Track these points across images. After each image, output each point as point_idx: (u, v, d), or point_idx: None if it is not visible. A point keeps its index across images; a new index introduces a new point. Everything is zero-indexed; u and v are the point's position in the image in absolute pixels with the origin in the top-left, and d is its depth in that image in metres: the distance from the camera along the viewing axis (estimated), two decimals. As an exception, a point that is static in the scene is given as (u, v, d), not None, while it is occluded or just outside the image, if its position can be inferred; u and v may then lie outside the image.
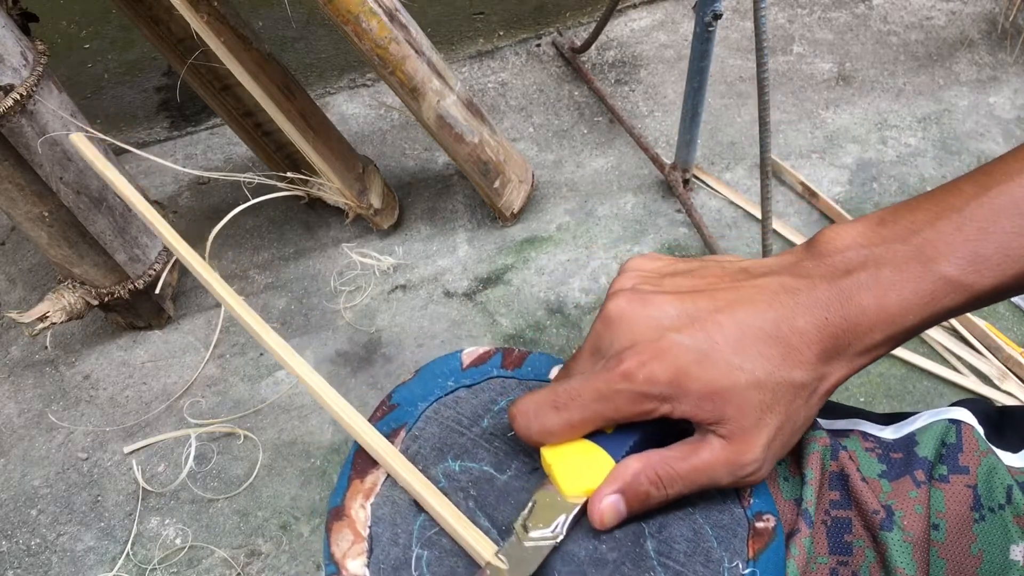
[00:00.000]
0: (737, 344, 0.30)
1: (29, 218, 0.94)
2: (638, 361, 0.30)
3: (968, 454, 0.36)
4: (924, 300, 0.29)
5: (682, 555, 0.31)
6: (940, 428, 0.37)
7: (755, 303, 0.31)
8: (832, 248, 0.31)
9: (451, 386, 0.37)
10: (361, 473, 0.34)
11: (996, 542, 0.33)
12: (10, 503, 1.00)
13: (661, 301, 0.31)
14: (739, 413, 0.30)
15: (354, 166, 1.17)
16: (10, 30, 0.85)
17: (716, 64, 1.39)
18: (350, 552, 0.32)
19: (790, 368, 0.30)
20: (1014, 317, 1.10)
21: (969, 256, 0.29)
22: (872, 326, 0.30)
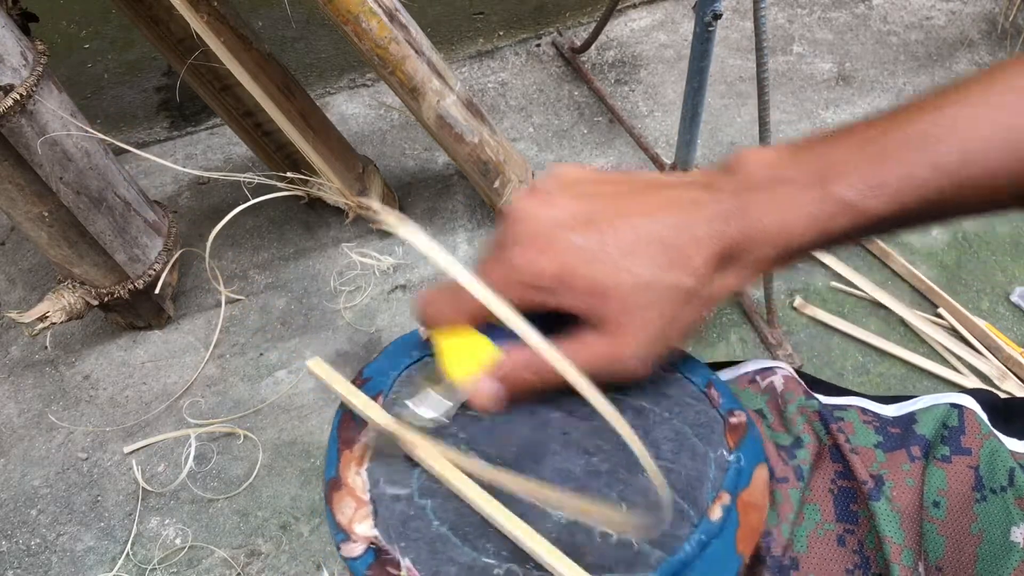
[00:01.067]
0: (628, 247, 0.31)
1: (29, 218, 0.94)
2: (527, 255, 0.31)
3: (970, 436, 0.36)
4: (817, 219, 0.30)
5: (670, 453, 0.33)
6: (941, 411, 0.38)
7: (656, 211, 0.32)
8: (744, 166, 0.32)
9: (416, 355, 0.39)
10: (348, 443, 0.35)
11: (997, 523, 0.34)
12: (10, 503, 1.00)
13: (562, 202, 0.32)
14: (621, 311, 0.31)
15: (354, 166, 1.17)
16: (10, 30, 0.85)
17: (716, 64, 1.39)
18: (355, 517, 0.32)
19: (678, 273, 0.31)
20: (1014, 317, 1.10)
21: (867, 180, 0.29)
22: (766, 240, 0.30)
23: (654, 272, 0.30)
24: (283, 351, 1.12)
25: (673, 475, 0.33)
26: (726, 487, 0.32)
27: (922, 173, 0.29)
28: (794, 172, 0.31)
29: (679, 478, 0.33)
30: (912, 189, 0.29)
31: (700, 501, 0.32)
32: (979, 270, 1.16)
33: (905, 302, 1.11)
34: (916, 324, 1.08)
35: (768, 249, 0.31)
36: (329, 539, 0.94)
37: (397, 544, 0.31)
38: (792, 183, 0.30)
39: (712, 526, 0.31)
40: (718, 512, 0.31)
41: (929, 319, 1.10)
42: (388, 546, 0.31)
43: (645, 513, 0.31)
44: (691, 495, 0.32)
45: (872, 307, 1.12)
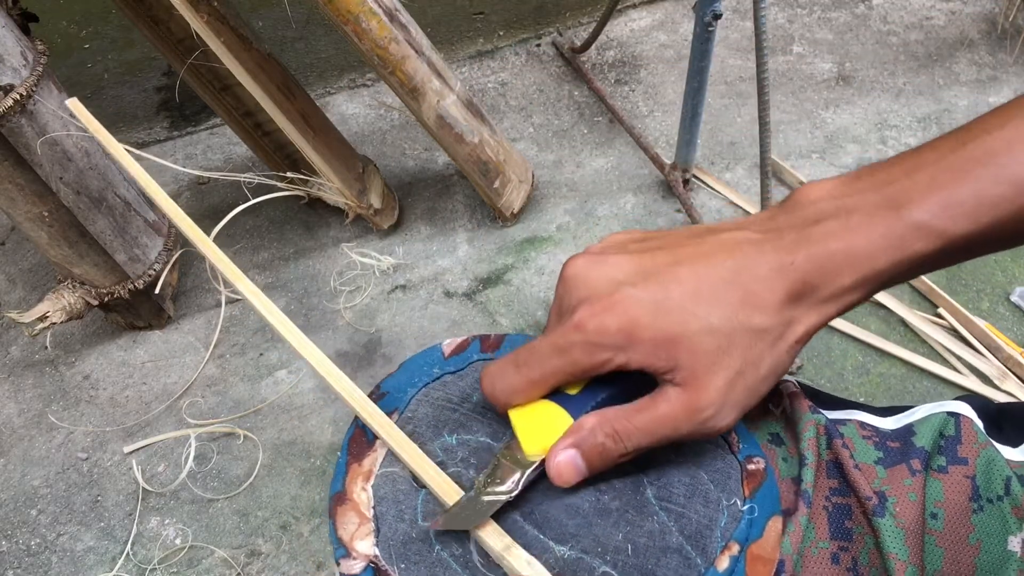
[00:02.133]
0: (692, 294, 0.30)
1: (29, 218, 0.94)
2: (590, 312, 0.30)
3: (967, 446, 0.36)
4: (894, 243, 0.29)
5: (682, 498, 0.33)
6: (939, 420, 0.37)
7: (715, 255, 0.31)
8: (804, 201, 0.31)
9: (436, 373, 0.38)
10: (358, 457, 0.35)
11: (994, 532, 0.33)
12: (10, 503, 1.00)
13: (617, 260, 0.32)
14: (692, 359, 0.29)
15: (354, 166, 1.17)
16: (10, 30, 0.85)
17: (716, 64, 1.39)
18: (357, 533, 0.32)
19: (749, 312, 0.29)
20: (1014, 317, 1.10)
21: (941, 202, 0.28)
22: (840, 268, 0.29)
23: (723, 314, 0.29)
24: (283, 351, 1.12)
25: (683, 520, 0.32)
26: (736, 537, 0.31)
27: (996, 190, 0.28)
28: (859, 200, 0.30)
29: (689, 524, 0.32)
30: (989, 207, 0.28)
31: (708, 550, 0.31)
32: (979, 270, 1.16)
33: (905, 302, 1.11)
34: (916, 324, 1.08)
35: (845, 278, 0.29)
36: (330, 540, 0.94)
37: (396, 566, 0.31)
38: (859, 211, 0.29)
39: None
40: (725, 562, 0.31)
41: (929, 319, 1.10)
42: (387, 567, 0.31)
43: None
44: (699, 543, 0.31)
45: (872, 307, 1.12)
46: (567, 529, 0.31)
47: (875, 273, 0.29)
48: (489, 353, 0.40)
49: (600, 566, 0.30)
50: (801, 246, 0.29)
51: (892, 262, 0.29)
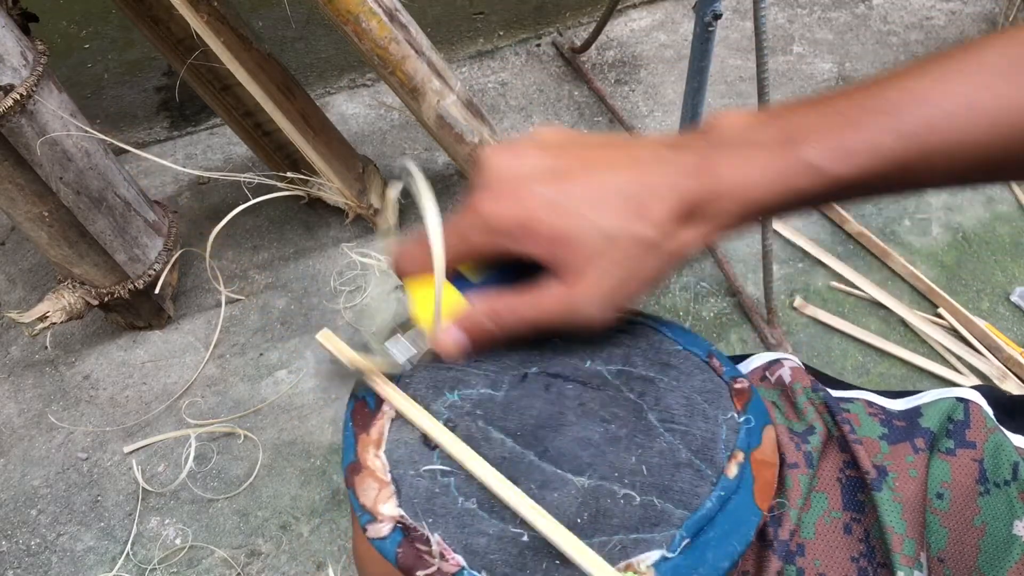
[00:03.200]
0: (591, 198, 0.31)
1: (29, 218, 0.94)
2: (490, 198, 0.32)
3: (975, 430, 0.36)
4: (778, 177, 0.30)
5: (683, 417, 0.35)
6: (947, 405, 0.38)
7: (620, 166, 0.32)
8: (715, 126, 0.33)
9: None
10: (364, 427, 0.36)
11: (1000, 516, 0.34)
12: (10, 503, 1.00)
13: (530, 155, 0.33)
14: (579, 258, 0.31)
15: (354, 166, 1.17)
16: (10, 30, 0.85)
17: (716, 64, 1.39)
18: (379, 497, 0.33)
19: (635, 221, 0.31)
20: (1014, 317, 1.10)
21: (830, 144, 0.30)
22: (724, 194, 0.31)
23: (615, 222, 0.31)
24: (283, 351, 1.12)
25: (688, 437, 0.34)
26: (739, 446, 0.33)
27: (887, 139, 0.29)
28: (763, 135, 0.31)
29: (694, 440, 0.34)
30: (877, 155, 0.29)
31: (716, 460, 0.33)
32: (979, 270, 1.16)
33: (905, 302, 1.11)
34: (916, 324, 1.08)
35: (730, 204, 0.31)
36: (330, 539, 0.94)
37: (424, 520, 0.32)
38: (759, 144, 0.31)
39: (730, 483, 0.32)
40: (734, 470, 0.32)
41: (929, 319, 1.10)
42: (416, 523, 0.32)
43: None
44: (707, 455, 0.33)
45: (872, 307, 1.12)
46: (583, 460, 0.33)
47: (757, 203, 0.31)
48: None
49: (620, 489, 0.32)
50: (696, 168, 0.31)
51: (774, 194, 0.31)
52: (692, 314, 1.13)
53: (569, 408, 0.35)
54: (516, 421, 0.34)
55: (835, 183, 0.30)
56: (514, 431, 0.34)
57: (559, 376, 0.36)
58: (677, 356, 0.37)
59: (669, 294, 1.16)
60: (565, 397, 0.35)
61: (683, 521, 0.31)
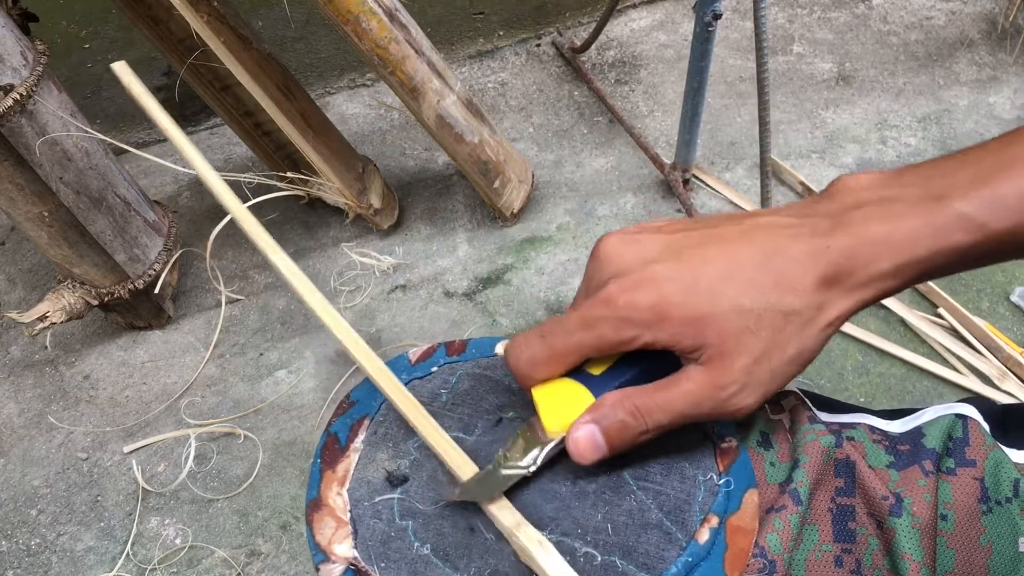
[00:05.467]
0: (723, 274, 0.29)
1: (29, 218, 0.94)
2: (620, 288, 0.30)
3: (975, 448, 0.36)
4: (935, 231, 0.28)
5: (658, 476, 0.33)
6: (947, 422, 0.37)
7: (748, 238, 0.30)
8: (843, 189, 0.31)
9: (404, 378, 0.39)
10: (331, 464, 0.35)
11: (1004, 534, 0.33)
12: (10, 503, 1.00)
13: (649, 239, 0.32)
14: (719, 338, 0.29)
15: (354, 166, 1.17)
16: (10, 30, 0.85)
17: (716, 64, 1.39)
18: (335, 537, 0.32)
19: (780, 294, 0.29)
20: (1014, 317, 1.10)
21: (985, 196, 0.28)
22: (878, 253, 0.29)
23: (753, 295, 0.29)
24: (283, 351, 1.12)
25: (662, 497, 0.32)
26: (715, 510, 0.32)
27: None
28: (901, 191, 0.29)
29: (667, 500, 0.32)
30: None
31: (688, 523, 0.31)
32: (979, 270, 1.16)
33: (905, 302, 1.11)
34: (916, 324, 1.08)
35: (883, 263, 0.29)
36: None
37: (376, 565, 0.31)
38: (901, 200, 0.29)
39: (699, 548, 0.30)
40: (706, 534, 0.31)
41: (929, 319, 1.10)
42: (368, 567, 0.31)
43: None
44: (679, 517, 0.32)
45: (872, 307, 1.12)
46: (545, 513, 0.32)
47: (914, 260, 0.29)
48: (455, 356, 0.40)
49: (581, 547, 0.31)
50: (838, 230, 0.29)
51: (932, 250, 0.28)
52: (692, 314, 1.13)
53: None
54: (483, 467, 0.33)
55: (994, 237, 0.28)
56: None
57: None
58: None
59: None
60: None
61: None
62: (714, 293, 0.29)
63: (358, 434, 0.36)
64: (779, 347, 0.29)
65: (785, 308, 0.29)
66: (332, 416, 0.38)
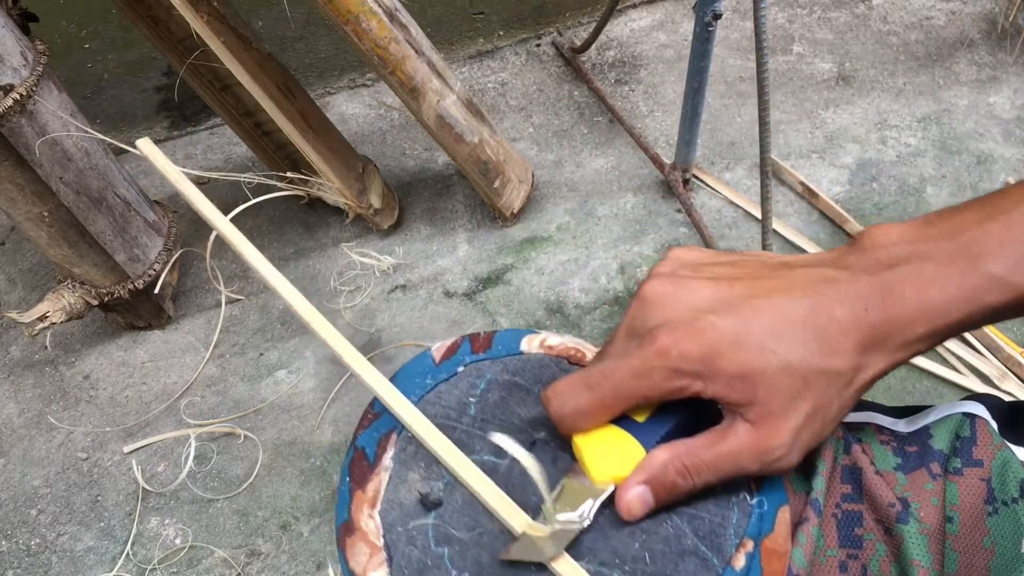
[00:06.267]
0: (772, 329, 0.30)
1: (29, 218, 0.94)
2: (672, 338, 0.30)
3: (982, 447, 0.36)
4: (968, 295, 0.29)
5: (692, 500, 0.32)
6: (954, 421, 0.37)
7: (793, 291, 0.30)
8: (876, 243, 0.31)
9: (430, 384, 0.37)
10: (361, 482, 0.34)
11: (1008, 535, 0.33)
12: (10, 503, 1.00)
13: (698, 284, 0.32)
14: (768, 396, 0.29)
15: (354, 166, 1.17)
16: (10, 30, 0.85)
17: (716, 64, 1.39)
18: (370, 565, 0.31)
19: (825, 356, 0.29)
20: (1014, 317, 1.10)
21: (1017, 255, 0.28)
22: (913, 319, 0.29)
23: (801, 355, 0.29)
24: (283, 351, 1.12)
25: (697, 522, 0.32)
26: (749, 534, 0.31)
27: None
28: (932, 247, 0.30)
29: (702, 524, 0.32)
30: None
31: (724, 549, 0.31)
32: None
33: (905, 302, 1.11)
34: (916, 324, 1.08)
35: (918, 328, 0.29)
36: (330, 539, 0.94)
37: None
38: (933, 259, 0.29)
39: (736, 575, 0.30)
40: (741, 560, 0.31)
41: (929, 319, 1.10)
42: None
43: None
44: (714, 543, 0.31)
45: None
46: (583, 544, 0.31)
47: (947, 325, 0.29)
48: (480, 353, 0.39)
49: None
50: (875, 292, 0.30)
51: (962, 312, 0.29)
52: (692, 314, 1.13)
53: None
54: (518, 498, 0.32)
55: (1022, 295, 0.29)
56: None
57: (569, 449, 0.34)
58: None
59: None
60: None
61: None
62: (764, 349, 0.29)
63: (386, 450, 0.35)
64: (824, 408, 0.30)
65: (829, 369, 0.29)
66: (357, 428, 0.37)
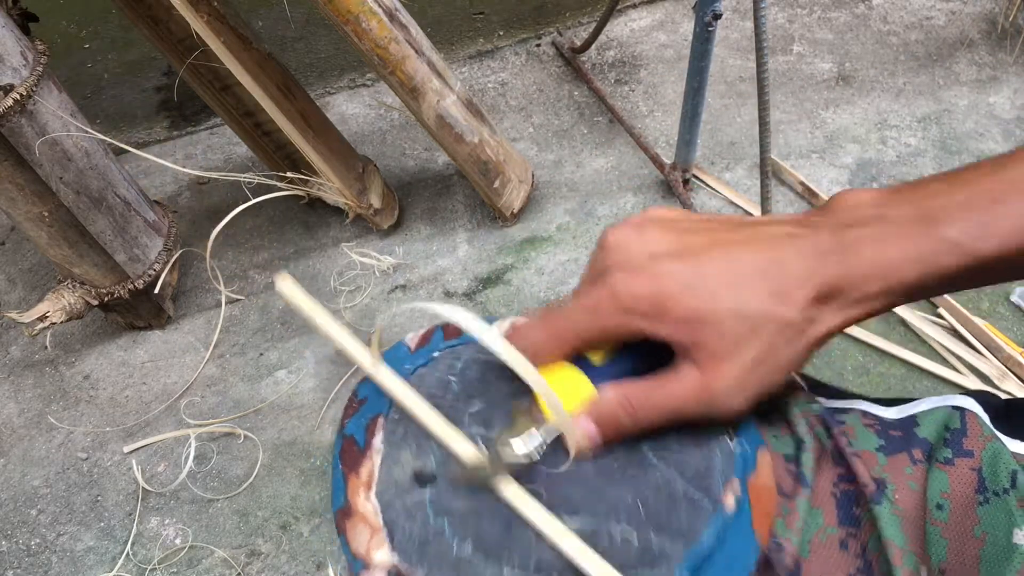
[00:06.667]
0: (725, 276, 0.30)
1: (29, 218, 0.94)
2: (625, 280, 0.31)
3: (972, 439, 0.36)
4: (923, 257, 0.29)
5: (675, 444, 0.33)
6: (943, 413, 0.38)
7: (752, 244, 0.31)
8: (844, 206, 0.32)
9: (408, 369, 0.38)
10: (353, 467, 0.34)
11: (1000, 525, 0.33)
12: (10, 503, 1.00)
13: (658, 234, 0.32)
14: (715, 340, 0.30)
15: (354, 166, 1.17)
16: (10, 30, 0.85)
17: (716, 64, 1.39)
18: (372, 545, 0.31)
19: (776, 304, 0.30)
20: (1014, 317, 1.10)
21: (974, 221, 0.29)
22: (868, 276, 0.30)
23: (757, 305, 0.30)
24: (283, 351, 1.12)
25: (683, 466, 0.33)
26: (736, 473, 0.32)
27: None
28: (896, 211, 0.30)
29: (688, 468, 0.33)
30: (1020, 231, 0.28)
31: (713, 490, 0.32)
32: (979, 270, 1.16)
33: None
34: (916, 324, 1.08)
35: (872, 285, 0.30)
36: (330, 539, 0.94)
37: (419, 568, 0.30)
38: (896, 222, 0.30)
39: (728, 514, 0.31)
40: (731, 499, 0.31)
41: (929, 319, 1.10)
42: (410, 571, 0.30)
43: None
44: (703, 484, 0.32)
45: (872, 307, 1.12)
46: (576, 499, 0.32)
47: (901, 284, 0.30)
48: (453, 340, 0.40)
49: (617, 529, 0.31)
50: (835, 248, 0.30)
51: (919, 275, 0.30)
52: (692, 314, 1.13)
53: None
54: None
55: (979, 262, 0.29)
56: None
57: None
58: None
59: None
60: None
61: (683, 558, 0.30)
62: (714, 295, 0.30)
63: (375, 434, 0.35)
64: (772, 357, 0.31)
65: (780, 317, 0.30)
66: (343, 417, 0.37)
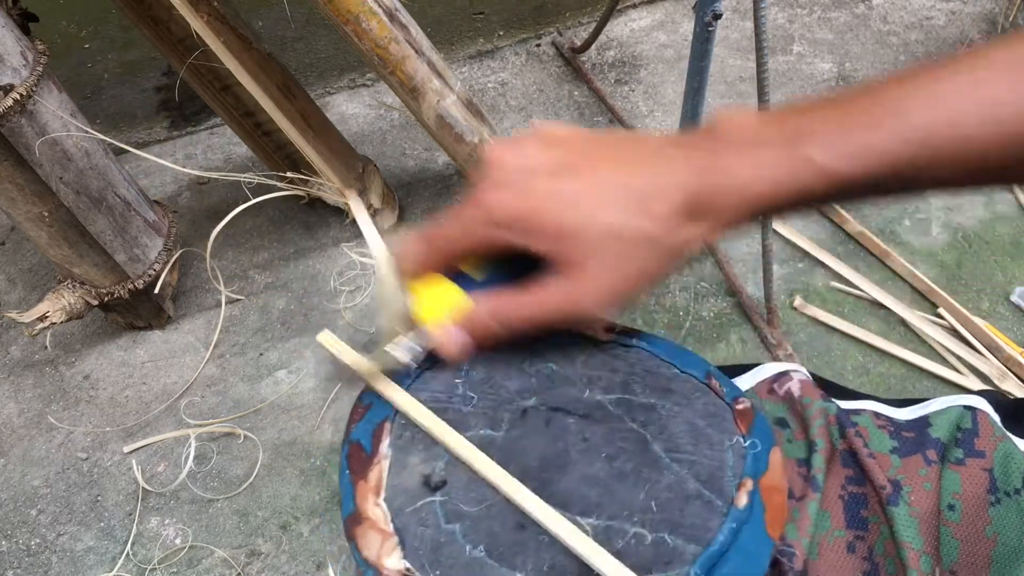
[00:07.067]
0: (593, 191, 0.32)
1: (29, 218, 0.94)
2: (496, 194, 0.32)
3: (984, 439, 0.36)
4: (784, 175, 0.30)
5: (688, 446, 0.34)
6: (955, 413, 0.38)
7: (626, 162, 0.32)
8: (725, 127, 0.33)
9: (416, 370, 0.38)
10: (362, 473, 0.34)
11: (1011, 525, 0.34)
12: (10, 503, 1.00)
13: (534, 149, 0.33)
14: (579, 252, 0.31)
15: (354, 166, 1.17)
16: (10, 30, 0.85)
17: (716, 64, 1.39)
18: (383, 551, 0.31)
19: (639, 217, 0.31)
20: (1014, 317, 1.10)
21: (836, 143, 0.29)
22: (729, 191, 0.31)
23: (619, 217, 0.31)
24: (283, 351, 1.12)
25: (696, 467, 0.33)
26: (748, 473, 0.33)
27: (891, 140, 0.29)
28: (770, 132, 0.31)
29: (702, 469, 0.33)
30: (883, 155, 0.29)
31: (725, 490, 0.32)
32: (979, 270, 1.16)
33: (905, 302, 1.11)
34: (916, 324, 1.08)
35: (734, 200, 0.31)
36: (330, 539, 0.94)
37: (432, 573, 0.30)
38: (766, 143, 0.31)
39: (741, 513, 0.31)
40: (744, 499, 0.32)
41: (929, 319, 1.10)
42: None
43: None
44: (716, 485, 0.33)
45: (872, 307, 1.12)
46: (590, 500, 0.32)
47: (759, 199, 0.31)
48: None
49: (631, 528, 0.31)
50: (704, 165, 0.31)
51: (778, 192, 0.30)
52: (692, 314, 1.13)
53: (572, 445, 0.34)
54: (520, 464, 0.33)
55: (840, 183, 0.30)
56: (519, 475, 0.33)
57: (559, 410, 0.35)
58: (676, 380, 0.37)
59: (669, 294, 1.16)
60: (568, 433, 0.34)
61: (696, 557, 0.30)
62: (579, 209, 0.31)
63: (382, 439, 0.35)
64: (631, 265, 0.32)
65: (643, 230, 0.31)
66: (348, 422, 0.37)
